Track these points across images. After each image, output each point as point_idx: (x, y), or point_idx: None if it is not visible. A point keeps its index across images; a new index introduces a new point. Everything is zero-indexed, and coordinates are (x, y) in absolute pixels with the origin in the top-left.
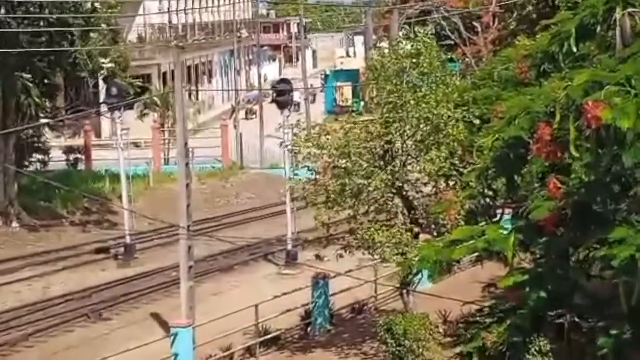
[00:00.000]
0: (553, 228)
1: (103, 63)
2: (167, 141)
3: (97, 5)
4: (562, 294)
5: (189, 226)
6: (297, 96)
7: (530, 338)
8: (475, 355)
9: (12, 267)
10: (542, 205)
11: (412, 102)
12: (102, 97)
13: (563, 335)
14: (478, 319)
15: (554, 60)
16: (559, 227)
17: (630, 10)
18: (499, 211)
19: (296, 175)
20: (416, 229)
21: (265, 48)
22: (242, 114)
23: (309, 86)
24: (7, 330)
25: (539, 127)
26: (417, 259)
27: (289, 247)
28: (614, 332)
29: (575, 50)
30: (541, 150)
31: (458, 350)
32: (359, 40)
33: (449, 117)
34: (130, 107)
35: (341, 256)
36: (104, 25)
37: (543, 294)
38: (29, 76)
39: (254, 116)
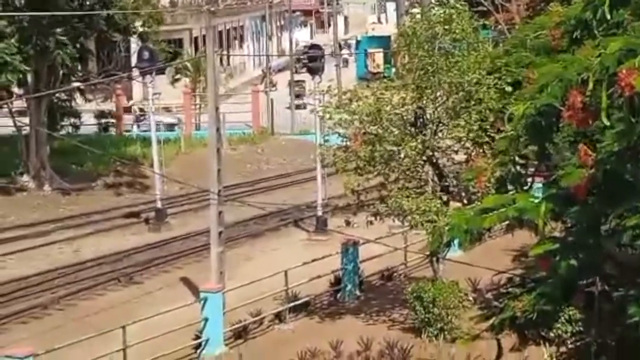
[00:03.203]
0: (584, 196)
1: (134, 25)
2: (198, 106)
3: None
4: (592, 262)
5: (219, 191)
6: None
7: (560, 306)
8: (506, 324)
9: (43, 230)
10: (572, 172)
11: (444, 68)
12: (134, 61)
13: (593, 304)
14: (509, 289)
15: (587, 27)
16: (590, 195)
17: None
18: (530, 179)
19: (326, 141)
20: (445, 197)
21: (297, 13)
22: (261, 86)
23: (340, 52)
24: (38, 292)
25: (570, 95)
26: (447, 227)
27: (319, 213)
28: None
29: (608, 17)
30: (573, 118)
31: (489, 322)
32: (391, 6)
33: (481, 83)
34: (161, 71)
35: (371, 223)
36: None
37: (573, 263)
38: (62, 39)
39: (274, 88)
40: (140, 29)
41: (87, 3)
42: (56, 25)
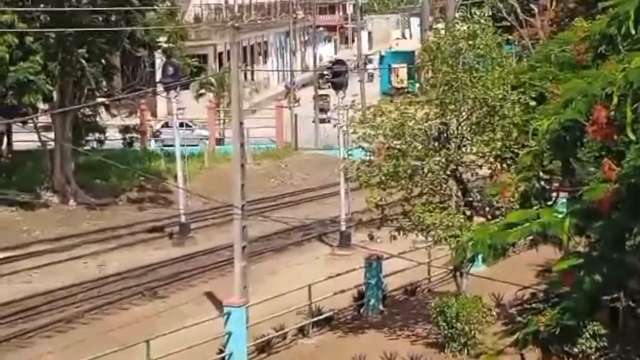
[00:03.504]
0: (607, 211)
1: (159, 41)
2: (222, 121)
3: None
4: (616, 278)
5: (243, 206)
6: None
7: (584, 322)
8: (530, 339)
9: (68, 245)
10: (596, 187)
11: (468, 84)
12: (158, 76)
13: (617, 320)
14: (533, 304)
15: (611, 42)
16: (614, 210)
17: None
18: (554, 194)
19: (350, 155)
20: (469, 212)
21: (321, 29)
22: (285, 102)
23: (364, 68)
24: (63, 307)
25: (595, 110)
26: (471, 242)
27: (343, 227)
28: None
29: (633, 32)
30: (597, 133)
31: (513, 337)
32: (415, 21)
33: (505, 98)
34: (186, 86)
35: (394, 237)
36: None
37: (598, 278)
38: (87, 55)
39: (297, 103)
40: (165, 45)
41: (112, 19)
42: (81, 42)
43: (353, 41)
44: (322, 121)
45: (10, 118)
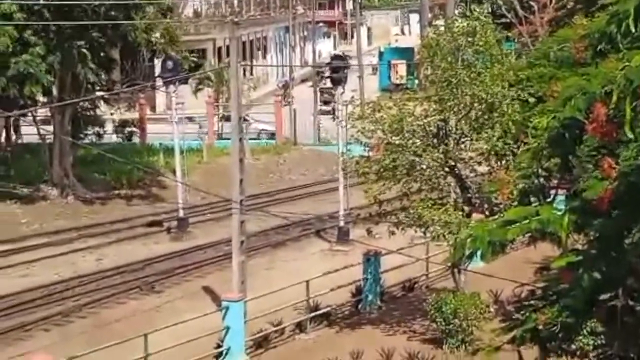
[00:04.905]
0: (607, 209)
1: (150, 37)
2: (220, 116)
3: None
4: (615, 276)
5: (241, 200)
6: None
7: (583, 319)
8: (528, 336)
9: (66, 238)
10: (596, 184)
11: (467, 80)
12: (157, 71)
13: (615, 317)
14: (531, 302)
15: (611, 40)
16: (613, 208)
17: None
18: (552, 191)
19: (349, 151)
20: (467, 208)
21: (320, 24)
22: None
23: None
24: (61, 300)
25: (595, 107)
26: (469, 238)
27: (341, 223)
28: None
29: (633, 30)
30: (597, 130)
31: (511, 334)
32: (414, 17)
33: (504, 95)
34: (185, 81)
35: (392, 233)
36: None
37: (596, 276)
38: (86, 46)
39: (291, 100)
40: (157, 44)
41: (112, 14)
42: (79, 37)
43: (352, 37)
44: (326, 113)
45: (10, 111)
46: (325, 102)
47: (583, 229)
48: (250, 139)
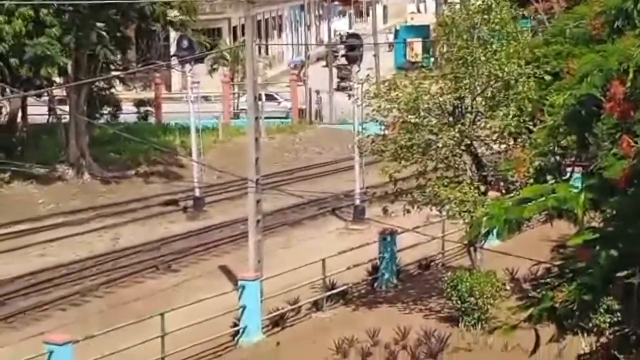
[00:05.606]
0: (624, 186)
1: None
2: (236, 95)
3: None
4: (632, 253)
5: (257, 179)
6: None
7: (600, 297)
8: (545, 314)
9: (83, 218)
10: (615, 163)
11: (483, 58)
12: (173, 50)
13: (632, 295)
14: (547, 280)
15: (627, 16)
16: (630, 186)
17: None
18: (569, 169)
19: (365, 129)
20: (483, 186)
21: (335, 2)
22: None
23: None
24: (78, 279)
25: (612, 85)
26: (486, 217)
27: (357, 202)
28: None
29: None
30: (614, 108)
31: (528, 312)
32: None
33: (519, 73)
34: (200, 60)
35: (408, 211)
36: None
37: (613, 253)
38: (102, 25)
39: (302, 83)
40: (175, 19)
41: None
42: (95, 16)
43: (368, 15)
44: (344, 89)
45: (25, 91)
46: (342, 79)
47: (600, 206)
48: (279, 117)
